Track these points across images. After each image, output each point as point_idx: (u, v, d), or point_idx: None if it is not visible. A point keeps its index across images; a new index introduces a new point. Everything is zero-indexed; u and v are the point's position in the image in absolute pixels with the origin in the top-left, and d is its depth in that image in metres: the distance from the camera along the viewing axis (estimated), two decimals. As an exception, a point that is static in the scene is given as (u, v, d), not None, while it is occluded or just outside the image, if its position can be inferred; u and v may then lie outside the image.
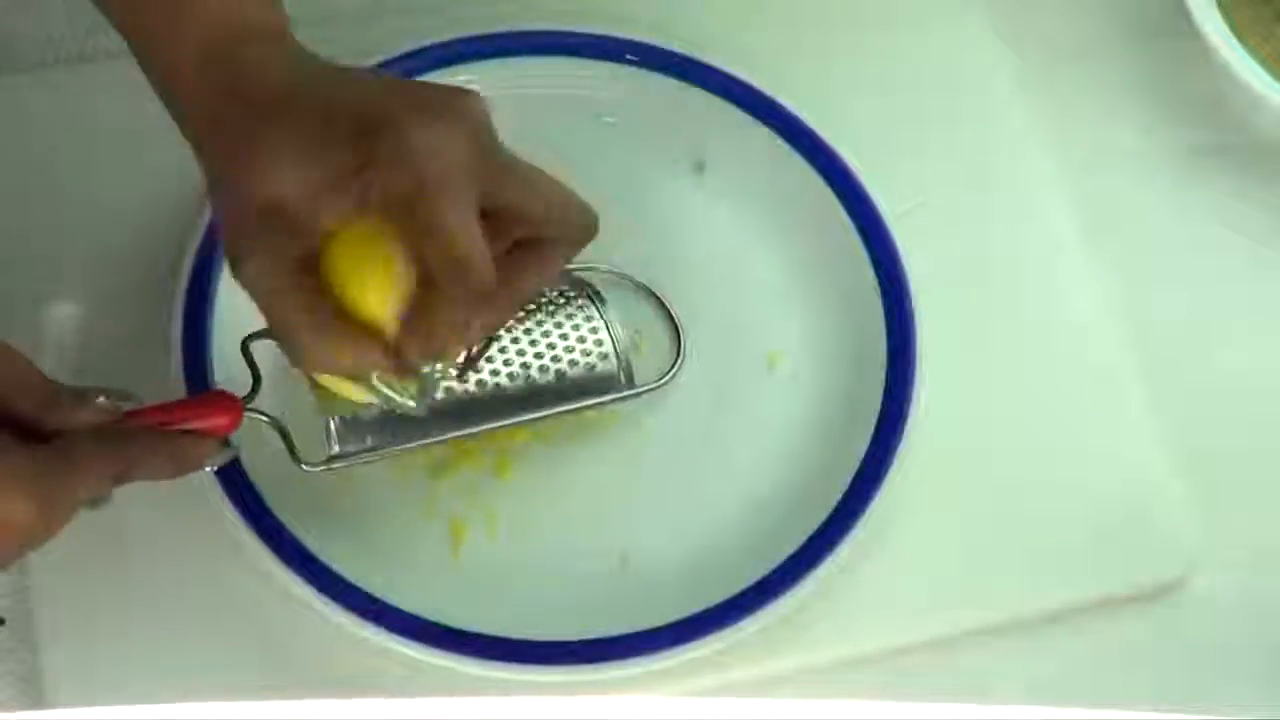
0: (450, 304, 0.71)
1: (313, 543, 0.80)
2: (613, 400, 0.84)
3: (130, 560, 0.81)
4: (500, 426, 0.82)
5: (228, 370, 0.82)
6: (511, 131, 0.90)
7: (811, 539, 0.81)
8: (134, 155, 0.89)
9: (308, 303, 0.71)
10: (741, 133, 0.89)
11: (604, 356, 0.84)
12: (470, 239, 0.70)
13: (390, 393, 0.77)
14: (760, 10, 0.95)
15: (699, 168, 0.90)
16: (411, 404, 0.78)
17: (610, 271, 0.86)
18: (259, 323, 0.82)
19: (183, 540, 0.82)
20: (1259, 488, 0.86)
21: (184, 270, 0.84)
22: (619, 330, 0.84)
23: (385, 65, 0.88)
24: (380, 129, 0.69)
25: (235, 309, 0.83)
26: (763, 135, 0.89)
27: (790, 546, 0.81)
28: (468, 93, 0.72)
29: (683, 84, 0.90)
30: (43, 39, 0.92)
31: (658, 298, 0.87)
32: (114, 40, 0.91)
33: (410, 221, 0.70)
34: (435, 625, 0.79)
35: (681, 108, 0.90)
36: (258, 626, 0.81)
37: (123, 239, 0.88)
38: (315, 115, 0.70)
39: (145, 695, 0.79)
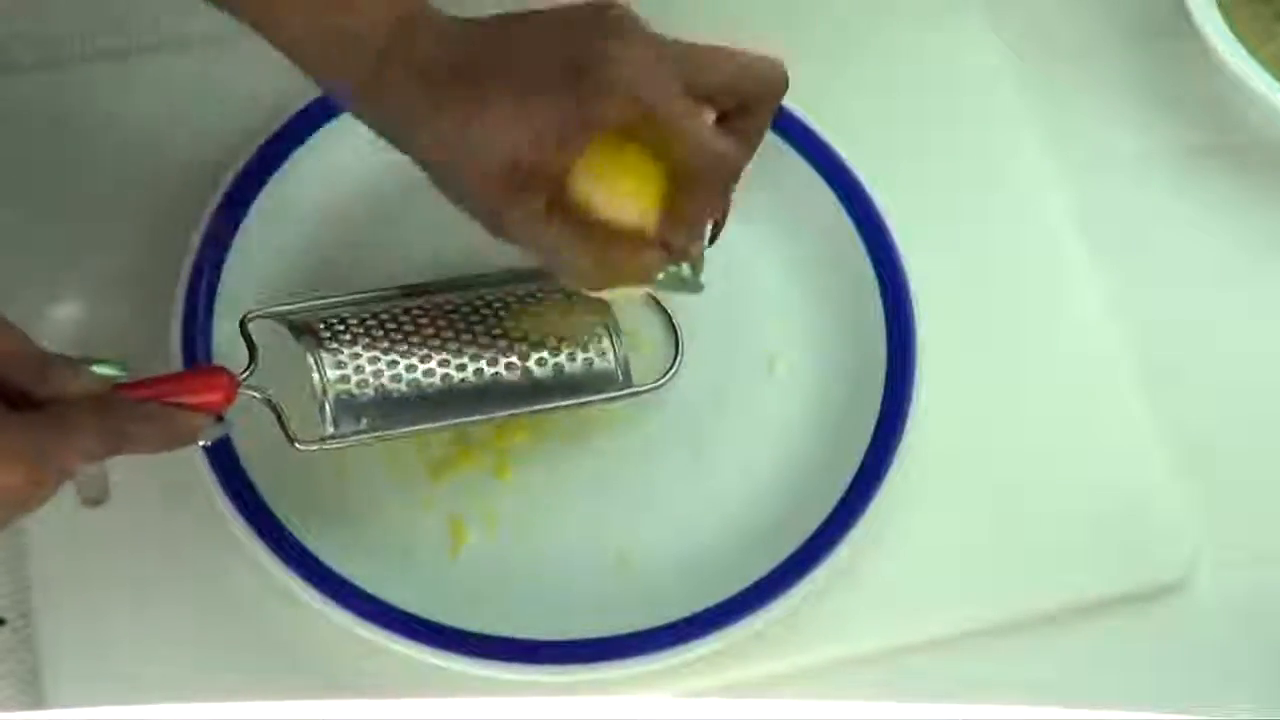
0: (705, 189, 0.76)
1: (313, 543, 0.80)
2: (610, 399, 0.84)
3: (130, 561, 0.81)
4: (496, 418, 0.82)
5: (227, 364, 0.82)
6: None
7: (811, 539, 0.81)
8: (134, 155, 0.89)
9: (576, 233, 0.75)
10: (741, 133, 0.89)
11: (603, 354, 0.84)
12: (713, 134, 0.75)
13: (674, 281, 0.80)
14: (760, 10, 0.95)
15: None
16: (700, 281, 0.81)
17: None
18: (257, 309, 0.83)
19: (183, 540, 0.82)
20: (1259, 488, 0.87)
21: (184, 269, 0.85)
22: (619, 328, 0.84)
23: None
24: (581, 66, 0.73)
25: (235, 309, 0.84)
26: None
27: (790, 546, 0.81)
28: (614, 4, 0.75)
29: (683, 84, 0.90)
30: (43, 39, 0.92)
31: (656, 300, 0.87)
32: (114, 40, 0.92)
33: (647, 133, 0.74)
34: (435, 625, 0.79)
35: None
36: (258, 626, 0.81)
37: (123, 238, 0.88)
38: (517, 70, 0.74)
39: (145, 695, 0.79)
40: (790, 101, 0.89)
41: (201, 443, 0.75)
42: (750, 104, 0.78)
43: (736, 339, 0.87)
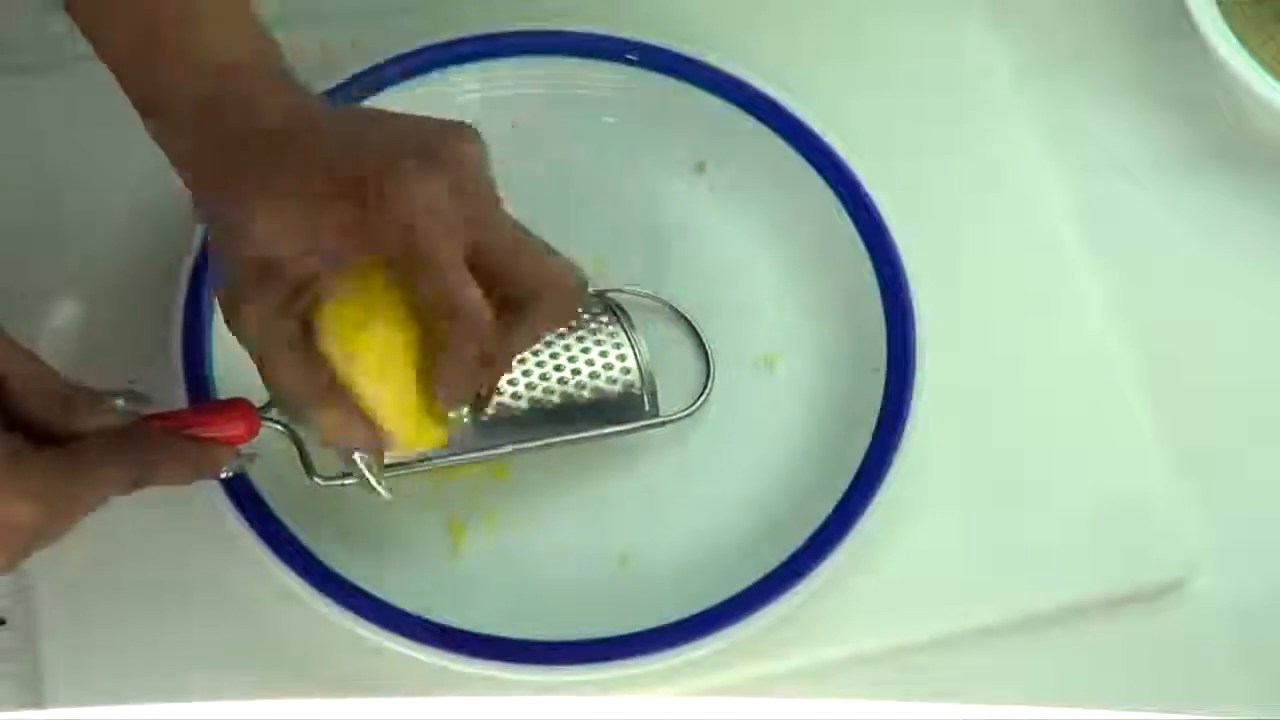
0: (453, 354, 0.71)
1: (312, 543, 0.80)
2: (637, 429, 0.84)
3: (130, 560, 0.81)
4: (521, 449, 0.82)
5: (227, 370, 0.82)
6: (512, 131, 0.90)
7: (811, 539, 0.81)
8: (134, 155, 0.88)
9: (301, 363, 0.71)
10: (741, 132, 0.89)
11: (629, 383, 0.83)
12: (462, 281, 0.70)
13: (367, 473, 0.76)
14: (760, 10, 0.95)
15: (699, 168, 0.91)
16: (384, 493, 0.77)
17: (639, 293, 0.86)
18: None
19: (182, 540, 0.82)
20: (1259, 488, 0.87)
21: (183, 271, 0.84)
22: (645, 354, 0.84)
23: (385, 65, 0.88)
24: (370, 181, 0.69)
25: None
26: (762, 135, 0.89)
27: (790, 546, 0.81)
28: (462, 132, 0.71)
29: (683, 84, 0.90)
30: (42, 39, 0.92)
31: (690, 323, 0.86)
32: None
33: (405, 274, 0.70)
34: (435, 625, 0.79)
35: (681, 108, 0.90)
36: (258, 626, 0.81)
37: (123, 239, 0.88)
38: (310, 166, 0.70)
39: (145, 695, 0.79)
40: (790, 101, 0.89)
41: (225, 475, 0.75)
42: (528, 303, 0.72)
43: (736, 339, 0.87)
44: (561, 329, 0.83)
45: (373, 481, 0.76)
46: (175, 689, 0.79)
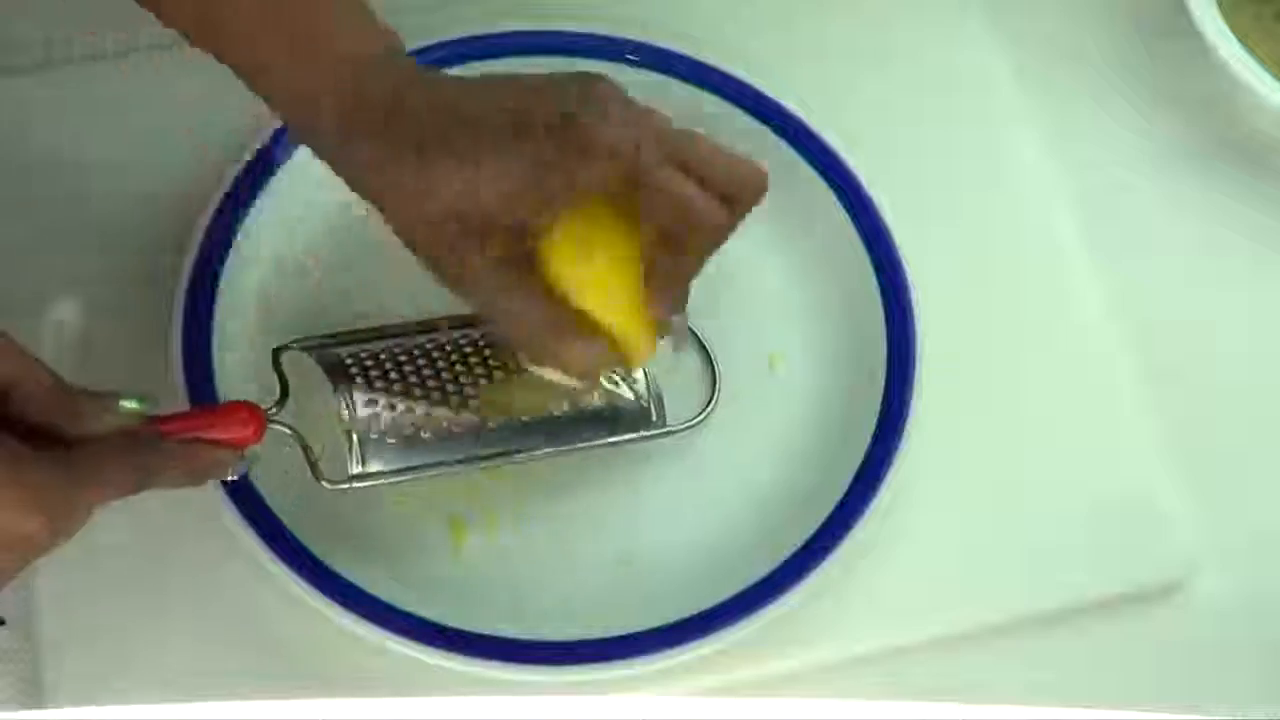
0: (693, 252, 0.74)
1: (312, 543, 0.80)
2: (642, 439, 0.84)
3: (131, 561, 0.81)
4: (530, 458, 0.82)
5: (228, 370, 0.82)
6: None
7: (811, 539, 0.81)
8: (134, 155, 0.89)
9: (535, 303, 0.74)
10: (741, 132, 0.89)
11: (637, 393, 0.83)
12: (702, 195, 0.73)
13: (616, 388, 0.80)
14: (760, 9, 0.95)
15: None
16: (632, 398, 0.81)
17: None
18: (262, 325, 0.83)
19: (183, 541, 0.82)
20: (1259, 488, 0.87)
21: (184, 270, 0.84)
22: (651, 363, 0.84)
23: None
24: (565, 122, 0.71)
25: (235, 309, 0.84)
26: (763, 135, 0.89)
27: (790, 546, 0.81)
28: (599, 76, 0.74)
29: (683, 84, 0.90)
30: (43, 39, 0.92)
31: (694, 334, 0.86)
32: (114, 41, 0.91)
33: (628, 198, 0.72)
34: (435, 625, 0.79)
35: (682, 108, 0.90)
36: (258, 626, 0.81)
37: (123, 239, 0.88)
38: (488, 121, 0.72)
39: (145, 695, 0.79)
40: (790, 101, 0.89)
41: (228, 478, 0.75)
42: (736, 195, 0.75)
43: (736, 339, 0.87)
44: None
45: (629, 387, 0.81)
46: (175, 689, 0.79)
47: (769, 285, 0.89)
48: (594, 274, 0.74)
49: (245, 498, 0.80)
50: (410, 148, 0.72)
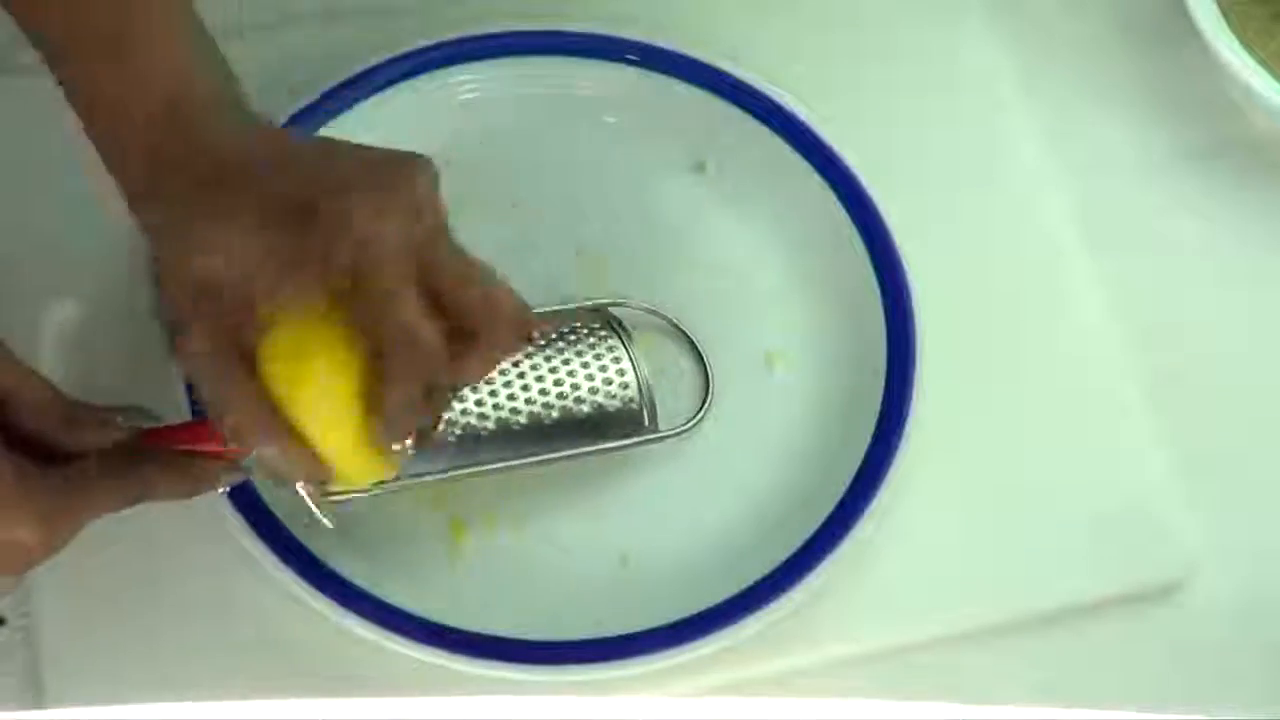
0: (398, 380, 0.68)
1: (312, 543, 0.80)
2: (635, 444, 0.84)
3: (130, 560, 0.81)
4: (516, 466, 0.82)
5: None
6: (512, 131, 0.90)
7: (812, 539, 0.81)
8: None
9: (244, 390, 0.68)
10: (741, 133, 0.89)
11: (629, 398, 0.83)
12: (411, 306, 0.68)
13: (309, 502, 0.74)
14: (760, 10, 0.94)
15: (699, 167, 0.90)
16: (326, 522, 0.76)
17: (637, 306, 0.86)
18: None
19: (182, 541, 0.82)
20: (1259, 488, 0.87)
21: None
22: (644, 368, 0.84)
23: (385, 65, 0.88)
24: (318, 207, 0.67)
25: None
26: (763, 135, 0.89)
27: (790, 546, 0.81)
28: (413, 162, 0.69)
29: (683, 84, 0.90)
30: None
31: (688, 337, 0.86)
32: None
33: (352, 301, 0.68)
34: (435, 625, 0.79)
35: (681, 108, 0.90)
36: (258, 626, 0.81)
37: (123, 239, 0.87)
38: (257, 191, 0.68)
39: (145, 695, 0.79)
40: (790, 101, 0.89)
41: (221, 490, 0.75)
42: (480, 332, 0.70)
43: (736, 339, 0.87)
44: (559, 333, 0.83)
45: (314, 510, 0.75)
46: (175, 689, 0.79)
47: (769, 285, 0.89)
48: (306, 386, 0.69)
49: (246, 499, 0.80)
50: (181, 194, 0.69)
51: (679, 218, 0.90)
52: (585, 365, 0.83)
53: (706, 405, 0.85)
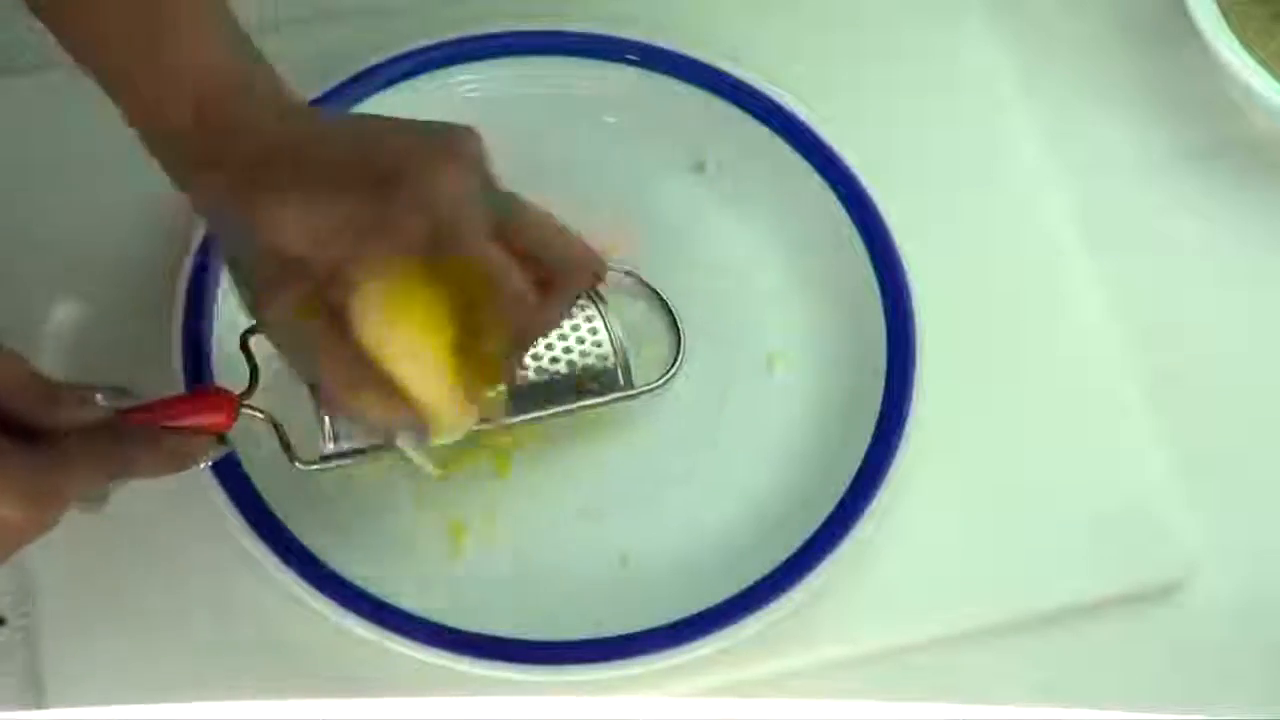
0: (494, 334, 0.73)
1: (313, 543, 0.80)
2: (610, 401, 0.84)
3: (130, 560, 0.81)
4: (496, 426, 0.82)
5: (229, 370, 0.82)
6: (512, 131, 0.90)
7: (812, 539, 0.81)
8: (134, 155, 0.89)
9: (340, 351, 0.72)
10: (741, 133, 0.89)
11: (603, 357, 0.84)
12: (500, 255, 0.72)
13: (412, 453, 0.78)
14: (760, 10, 0.95)
15: (699, 167, 0.91)
16: (430, 470, 0.79)
17: (615, 269, 0.86)
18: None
19: (183, 541, 0.82)
20: (1259, 488, 0.87)
21: (184, 270, 0.85)
22: (618, 330, 0.84)
23: (386, 65, 0.88)
24: (392, 175, 0.71)
25: (235, 309, 0.84)
26: (763, 135, 0.89)
27: (790, 546, 0.81)
28: (465, 129, 0.73)
29: (683, 84, 0.90)
30: (43, 40, 0.92)
31: (661, 298, 0.87)
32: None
33: (437, 261, 0.71)
34: (435, 625, 0.79)
35: (681, 108, 0.90)
36: (258, 626, 0.81)
37: (123, 239, 0.88)
38: (324, 164, 0.72)
39: (145, 695, 0.79)
40: (790, 101, 0.89)
41: (203, 465, 0.75)
42: (559, 274, 0.75)
43: (736, 339, 0.87)
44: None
45: (419, 461, 0.78)
46: (175, 689, 0.79)
47: (769, 285, 0.89)
48: (401, 340, 0.72)
49: (246, 499, 0.80)
50: (244, 179, 0.72)
51: (679, 218, 0.90)
52: (561, 331, 0.83)
53: (678, 362, 0.86)
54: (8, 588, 0.82)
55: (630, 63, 0.90)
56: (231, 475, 0.81)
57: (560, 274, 0.75)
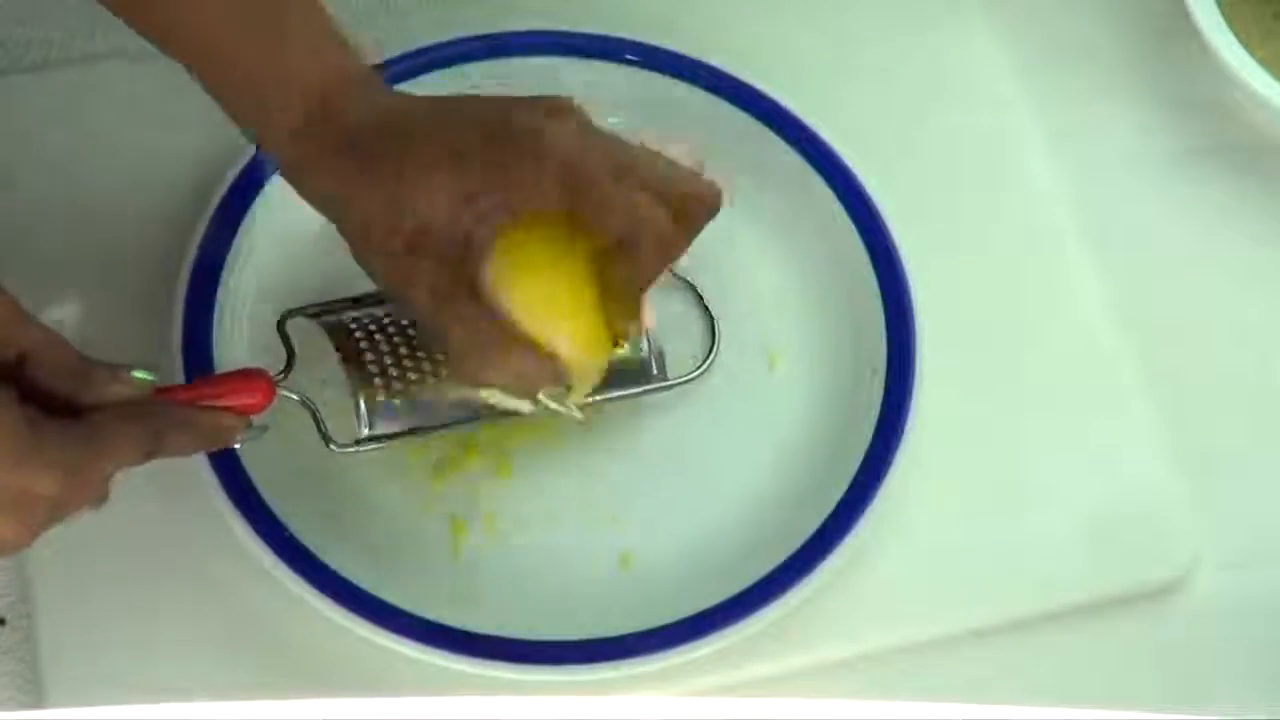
0: (644, 260, 0.75)
1: (313, 543, 0.80)
2: (646, 391, 0.84)
3: (131, 560, 0.81)
4: (531, 412, 0.82)
5: (228, 368, 0.82)
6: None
7: (812, 539, 0.81)
8: (134, 155, 0.89)
9: (476, 317, 0.74)
10: (742, 133, 0.89)
11: (638, 347, 0.84)
12: (638, 196, 0.74)
13: (556, 405, 0.79)
14: (760, 11, 0.95)
15: (699, 168, 0.90)
16: (577, 415, 0.80)
17: None
18: (265, 312, 0.83)
19: (183, 540, 0.82)
20: (1259, 488, 0.87)
21: (184, 270, 0.85)
22: (652, 321, 0.84)
23: (386, 65, 0.88)
24: (516, 135, 0.73)
25: (236, 310, 0.84)
26: (763, 135, 0.89)
27: (790, 546, 0.81)
28: (555, 95, 0.75)
29: (683, 84, 0.90)
30: (43, 39, 0.92)
31: (693, 288, 0.87)
32: (113, 41, 0.91)
33: (574, 217, 0.73)
34: (435, 625, 0.79)
35: (681, 108, 0.90)
36: (258, 626, 0.81)
37: (123, 239, 0.88)
38: (442, 139, 0.73)
39: (145, 695, 0.79)
40: (790, 101, 0.89)
41: (237, 444, 0.75)
42: (689, 208, 0.76)
43: (736, 339, 0.87)
44: None
45: (567, 409, 0.80)
46: (175, 689, 0.79)
47: (769, 285, 0.89)
48: (539, 291, 0.74)
49: (248, 499, 0.80)
50: (362, 162, 0.74)
51: (679, 218, 0.90)
52: None
53: (713, 354, 0.86)
54: (7, 588, 0.82)
55: (630, 63, 0.90)
56: (231, 474, 0.81)
57: (691, 205, 0.76)
